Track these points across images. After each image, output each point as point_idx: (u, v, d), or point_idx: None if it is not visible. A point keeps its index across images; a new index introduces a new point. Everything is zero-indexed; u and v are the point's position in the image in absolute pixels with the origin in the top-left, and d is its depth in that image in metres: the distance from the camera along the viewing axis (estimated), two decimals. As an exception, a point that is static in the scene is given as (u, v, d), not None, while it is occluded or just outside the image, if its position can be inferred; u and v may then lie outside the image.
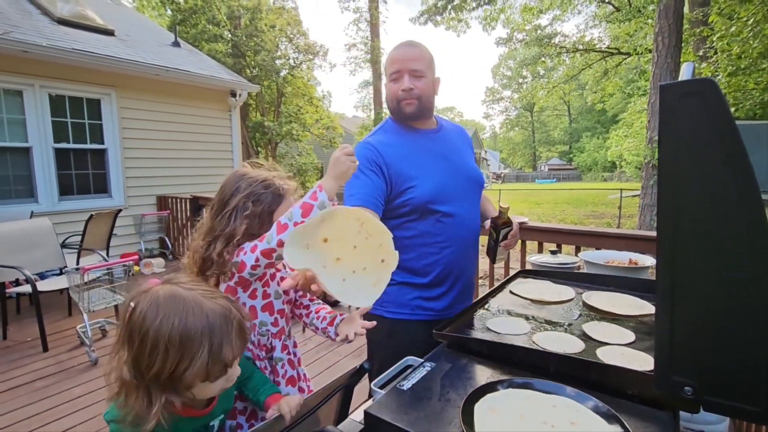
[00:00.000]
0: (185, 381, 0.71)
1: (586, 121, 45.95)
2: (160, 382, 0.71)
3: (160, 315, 0.71)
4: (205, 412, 0.83)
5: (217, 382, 0.76)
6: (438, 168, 1.32)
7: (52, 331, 3.13)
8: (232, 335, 0.76)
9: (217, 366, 0.73)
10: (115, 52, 5.17)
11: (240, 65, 15.16)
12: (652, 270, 1.33)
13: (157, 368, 0.70)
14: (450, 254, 1.31)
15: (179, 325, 0.71)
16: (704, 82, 0.59)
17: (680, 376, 0.63)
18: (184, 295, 0.75)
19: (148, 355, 0.70)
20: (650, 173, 7.33)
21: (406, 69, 1.28)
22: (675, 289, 0.63)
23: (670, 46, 7.16)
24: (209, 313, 0.74)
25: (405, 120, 1.36)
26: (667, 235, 0.63)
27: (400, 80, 1.29)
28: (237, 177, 1.08)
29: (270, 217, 1.05)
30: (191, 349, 0.70)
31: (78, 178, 5.01)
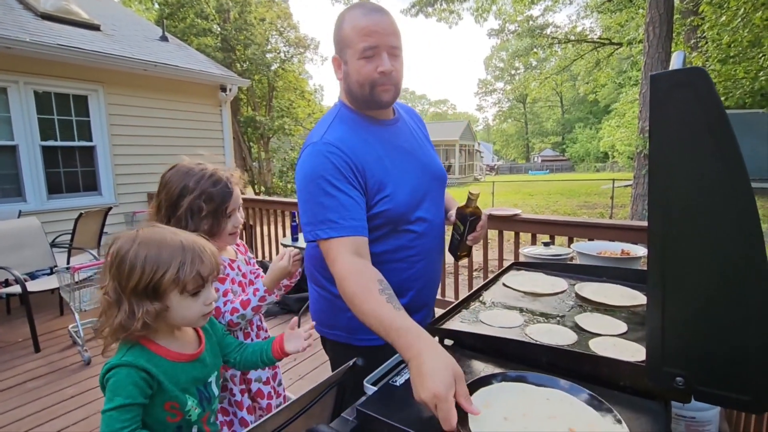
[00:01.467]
0: (162, 287, 0.79)
1: (579, 112, 46.13)
2: (139, 291, 0.78)
3: (136, 242, 0.80)
4: (195, 355, 0.88)
5: (196, 302, 0.83)
6: (408, 170, 1.10)
7: (43, 332, 3.10)
8: (205, 254, 0.83)
9: (191, 276, 0.80)
10: (102, 47, 5.07)
11: (230, 59, 14.98)
12: (644, 260, 1.34)
13: (135, 281, 0.77)
14: (422, 267, 1.13)
15: (156, 243, 0.80)
16: (694, 72, 0.58)
17: (672, 366, 0.63)
18: (161, 228, 0.84)
19: (127, 274, 0.78)
20: (642, 163, 7.38)
21: (384, 44, 0.99)
22: (666, 281, 0.63)
23: (661, 36, 7.18)
24: (183, 238, 0.83)
25: (373, 108, 1.08)
26: (657, 226, 0.62)
27: (377, 58, 0.99)
28: (181, 173, 1.08)
29: (224, 212, 1.08)
30: (166, 260, 0.79)
31: (66, 176, 4.93)
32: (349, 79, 1.04)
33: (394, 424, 0.63)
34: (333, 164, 0.97)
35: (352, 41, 0.99)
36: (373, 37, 0.98)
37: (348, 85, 1.05)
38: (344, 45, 1.02)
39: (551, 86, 25.43)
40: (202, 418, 0.90)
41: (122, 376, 0.77)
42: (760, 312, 0.57)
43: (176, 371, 0.84)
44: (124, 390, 0.76)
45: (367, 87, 1.02)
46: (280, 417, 0.78)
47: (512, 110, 54.93)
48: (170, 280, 0.79)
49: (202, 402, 0.89)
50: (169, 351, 0.85)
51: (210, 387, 0.92)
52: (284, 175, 16.59)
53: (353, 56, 1.00)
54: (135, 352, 0.81)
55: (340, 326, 1.12)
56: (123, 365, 0.78)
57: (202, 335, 0.94)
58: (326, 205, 0.95)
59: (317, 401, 0.81)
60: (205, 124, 6.34)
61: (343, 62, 1.05)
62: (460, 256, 1.26)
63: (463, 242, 1.22)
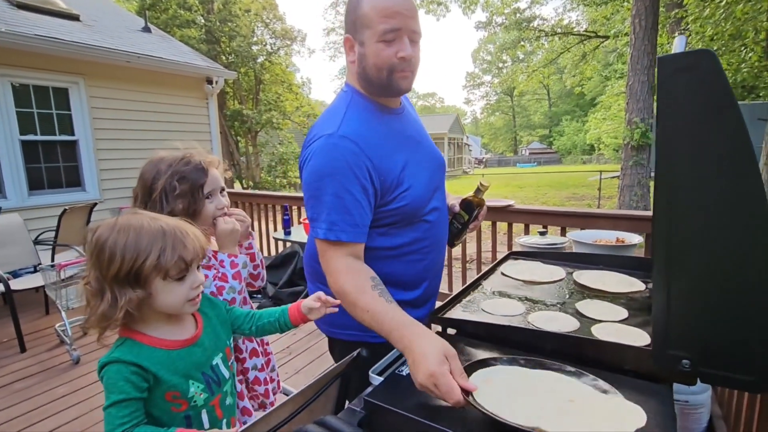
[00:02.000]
0: (144, 273, 0.77)
1: (566, 105, 46.55)
2: (120, 279, 0.76)
3: (116, 229, 0.78)
4: (191, 340, 0.87)
5: (181, 287, 0.81)
6: (422, 162, 1.07)
7: (29, 331, 3.02)
8: (188, 238, 0.81)
9: (173, 261, 0.78)
10: (81, 38, 4.91)
11: (215, 51, 14.71)
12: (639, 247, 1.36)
13: (115, 268, 0.76)
14: (434, 257, 1.11)
15: (135, 230, 0.78)
16: (701, 54, 0.58)
17: (677, 349, 0.64)
18: (141, 215, 0.82)
19: (107, 262, 0.76)
20: (629, 154, 7.48)
21: (407, 28, 0.93)
22: (671, 265, 0.63)
23: (647, 28, 7.25)
24: (163, 224, 0.81)
25: (388, 95, 1.03)
26: (663, 210, 0.62)
27: (398, 42, 0.93)
28: (154, 162, 1.07)
29: (200, 191, 1.06)
30: (146, 246, 0.77)
31: (48, 172, 4.79)
32: (366, 62, 0.96)
33: (401, 413, 0.62)
34: (347, 163, 0.91)
35: (371, 21, 0.92)
36: (396, 19, 0.91)
37: (363, 68, 0.98)
38: (362, 25, 0.94)
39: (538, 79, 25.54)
40: (212, 401, 0.88)
41: (113, 373, 0.77)
42: (763, 292, 0.57)
43: (173, 359, 0.83)
44: (116, 386, 0.76)
45: (385, 72, 0.95)
46: (285, 410, 0.76)
47: (500, 103, 55.17)
48: (151, 266, 0.77)
49: (210, 386, 0.88)
50: (162, 340, 0.83)
51: (218, 369, 0.90)
52: (273, 170, 16.42)
53: (372, 38, 0.93)
54: (124, 348, 0.80)
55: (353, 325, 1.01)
56: (112, 362, 0.77)
57: (199, 319, 0.92)
58: (331, 206, 0.91)
59: (321, 393, 0.80)
60: (192, 118, 6.21)
61: (357, 43, 0.97)
62: (455, 244, 1.30)
63: (464, 231, 1.26)
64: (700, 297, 0.62)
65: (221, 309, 0.99)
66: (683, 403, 1.01)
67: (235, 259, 1.14)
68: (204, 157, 1.10)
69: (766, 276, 0.57)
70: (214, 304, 0.99)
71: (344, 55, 1.04)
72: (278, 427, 0.72)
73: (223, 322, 0.97)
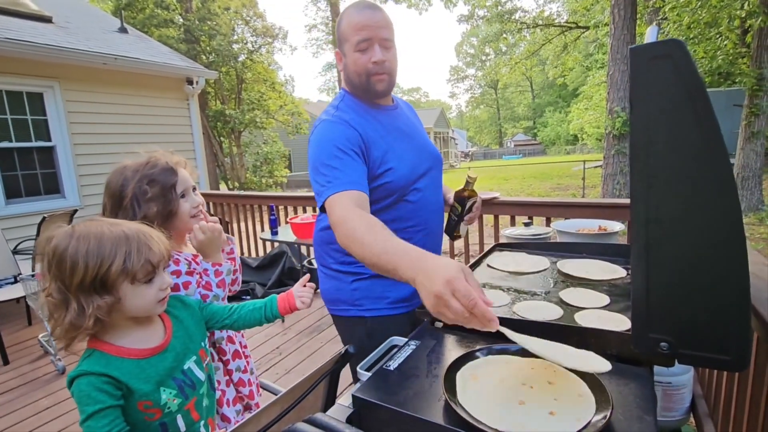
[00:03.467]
0: (110, 279, 0.76)
1: (549, 96, 47.04)
2: (86, 287, 0.75)
3: (74, 237, 0.76)
4: (161, 347, 0.85)
5: (150, 289, 0.80)
6: (407, 148, 1.20)
7: (11, 343, 2.95)
8: (153, 240, 0.81)
9: (140, 264, 0.77)
10: (55, 40, 4.78)
11: (194, 51, 14.45)
12: (621, 234, 1.39)
13: (79, 277, 0.74)
14: (422, 239, 1.21)
15: (95, 236, 0.76)
16: (672, 44, 0.59)
17: (656, 333, 0.65)
18: (99, 221, 0.81)
19: (69, 271, 0.74)
20: (611, 143, 7.60)
21: (377, 37, 1.09)
22: (649, 250, 0.64)
23: (626, 18, 7.36)
24: (124, 228, 0.80)
25: (372, 98, 1.19)
26: (640, 197, 0.64)
27: (370, 50, 1.10)
28: (119, 170, 1.06)
29: (173, 191, 1.04)
30: (109, 251, 0.76)
31: (25, 179, 4.67)
32: (348, 70, 1.15)
33: (390, 407, 0.63)
34: (344, 134, 1.08)
35: (348, 35, 1.11)
36: (365, 31, 1.08)
37: (347, 75, 1.16)
38: (342, 39, 1.14)
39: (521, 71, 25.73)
40: (186, 405, 0.87)
41: (84, 386, 0.76)
42: (737, 274, 0.59)
43: (143, 368, 0.81)
44: (90, 398, 0.75)
45: (364, 76, 1.13)
46: (274, 409, 0.76)
47: (484, 96, 55.48)
48: (117, 271, 0.76)
49: (183, 390, 0.86)
50: (130, 350, 0.82)
51: (191, 372, 0.89)
52: (258, 170, 16.25)
53: (350, 49, 1.12)
54: (91, 360, 0.79)
55: (344, 299, 1.19)
56: (82, 375, 0.76)
57: (168, 323, 0.91)
58: (332, 167, 1.03)
59: (310, 392, 0.80)
60: (173, 119, 6.10)
61: (342, 55, 1.16)
62: (455, 236, 1.38)
63: (459, 223, 1.34)
64: (677, 281, 0.63)
65: (194, 309, 0.98)
66: (666, 384, 1.04)
67: (219, 267, 1.12)
68: (170, 158, 1.09)
69: (738, 257, 0.59)
70: (187, 304, 0.98)
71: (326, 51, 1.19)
72: (268, 426, 0.72)
73: (197, 322, 0.96)
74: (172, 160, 1.09)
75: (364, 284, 1.18)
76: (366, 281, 1.19)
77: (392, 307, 1.19)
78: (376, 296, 1.19)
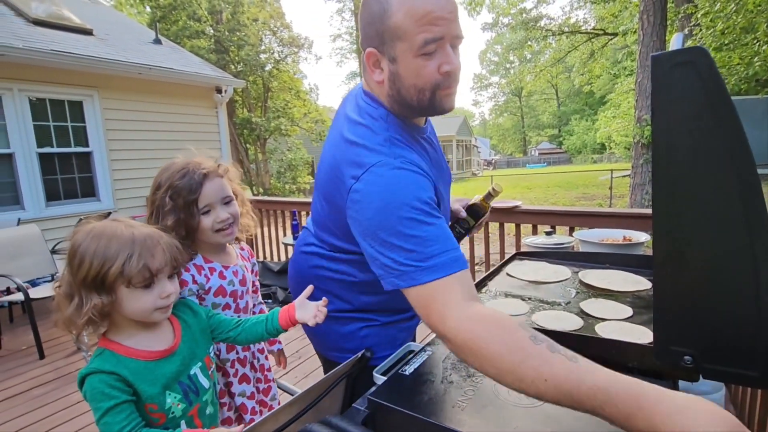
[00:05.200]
0: (109, 280, 0.78)
1: (575, 104, 46.13)
2: (88, 284, 0.78)
3: (90, 235, 0.79)
4: (168, 350, 0.86)
5: (149, 295, 0.81)
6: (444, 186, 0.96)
7: (47, 339, 3.10)
8: (157, 248, 0.82)
9: (137, 269, 0.78)
10: (95, 51, 5.05)
11: (224, 61, 14.95)
12: (647, 246, 1.35)
13: (83, 273, 0.77)
14: None
15: (105, 241, 0.79)
16: (696, 51, 0.58)
17: (679, 345, 0.64)
18: (119, 221, 0.83)
19: (77, 266, 0.78)
20: (640, 152, 7.39)
21: (449, 35, 0.74)
22: (671, 261, 0.63)
23: (656, 25, 7.18)
24: (136, 232, 0.82)
25: (426, 115, 0.87)
26: (662, 206, 0.63)
27: (441, 53, 0.75)
28: (161, 172, 1.06)
29: (194, 206, 1.01)
30: (113, 253, 0.78)
31: (64, 183, 4.92)
32: (401, 83, 0.78)
33: (404, 411, 0.63)
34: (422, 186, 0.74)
35: (407, 33, 0.73)
36: (438, 26, 0.72)
37: (398, 90, 0.79)
38: (393, 37, 0.75)
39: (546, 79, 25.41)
40: (190, 412, 0.87)
41: (96, 383, 0.77)
42: (765, 286, 0.57)
43: (150, 370, 0.82)
44: (103, 395, 0.76)
45: (428, 92, 0.77)
46: (291, 409, 0.78)
47: (508, 104, 54.94)
48: (115, 273, 0.77)
49: (188, 395, 0.87)
50: (138, 351, 0.83)
51: (196, 378, 0.89)
52: (282, 176, 16.57)
53: (407, 52, 0.75)
54: (102, 359, 0.80)
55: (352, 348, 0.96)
56: (92, 373, 0.77)
57: (177, 327, 0.91)
58: (424, 238, 0.69)
59: (327, 393, 0.82)
60: (202, 127, 6.32)
61: (387, 59, 0.78)
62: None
63: (464, 237, 1.24)
64: (701, 293, 0.62)
65: (202, 317, 0.97)
66: (695, 402, 1.01)
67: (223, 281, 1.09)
68: (208, 165, 1.05)
69: (765, 271, 0.57)
70: (195, 311, 0.97)
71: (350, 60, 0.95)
72: (285, 426, 0.74)
73: (203, 330, 0.95)
74: (208, 169, 1.04)
75: (374, 331, 0.98)
76: (377, 328, 1.00)
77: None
78: (388, 341, 0.99)
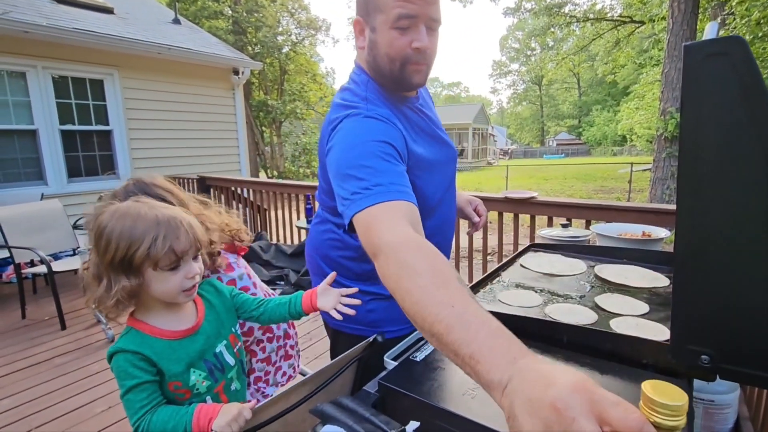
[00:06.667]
0: (136, 263, 0.78)
1: (596, 94, 44.90)
2: (115, 266, 0.78)
3: (116, 216, 0.80)
4: (192, 329, 0.88)
5: (175, 276, 0.82)
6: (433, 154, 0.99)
7: (68, 310, 3.21)
8: (180, 229, 0.82)
9: (164, 252, 0.79)
10: (116, 30, 5.09)
11: (241, 42, 14.92)
12: (667, 242, 1.32)
13: (110, 255, 0.78)
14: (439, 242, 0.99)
15: (131, 222, 0.79)
16: (731, 41, 0.56)
17: (697, 344, 0.62)
18: (142, 202, 0.84)
19: (104, 248, 0.78)
20: (663, 146, 7.18)
21: (424, 15, 0.83)
22: (694, 258, 0.61)
23: (687, 12, 6.89)
24: (159, 213, 0.82)
25: (399, 90, 0.94)
26: (687, 202, 0.61)
27: (413, 30, 0.84)
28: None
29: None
30: (139, 235, 0.78)
31: (85, 160, 5.03)
32: (376, 50, 0.87)
33: (414, 396, 0.64)
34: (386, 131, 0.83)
35: (385, 5, 0.82)
36: (414, 4, 0.81)
37: (374, 57, 0.89)
38: (374, 7, 0.85)
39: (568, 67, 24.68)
40: (216, 388, 0.90)
41: (121, 362, 0.79)
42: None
43: (174, 349, 0.84)
44: (127, 373, 0.79)
45: (398, 63, 0.86)
46: (303, 389, 0.80)
47: (527, 93, 53.79)
48: (142, 255, 0.78)
49: (213, 373, 0.89)
50: (163, 331, 0.84)
51: (221, 356, 0.92)
52: (296, 160, 16.63)
53: (384, 24, 0.84)
54: (128, 338, 0.82)
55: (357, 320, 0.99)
56: (118, 351, 0.80)
57: (200, 307, 0.93)
58: (371, 168, 0.75)
59: (338, 375, 0.83)
60: (219, 108, 6.36)
61: (369, 28, 0.88)
62: None
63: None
64: (723, 292, 0.60)
65: (226, 296, 1.00)
66: (708, 402, 0.99)
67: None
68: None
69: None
70: (219, 291, 1.00)
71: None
72: (296, 405, 0.75)
73: (227, 309, 0.98)
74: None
75: (382, 305, 1.00)
76: (384, 302, 1.01)
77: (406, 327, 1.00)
78: (395, 318, 1.00)
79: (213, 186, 5.25)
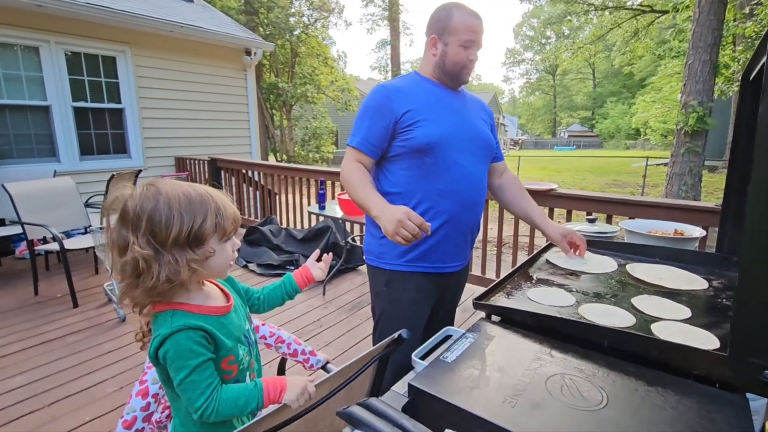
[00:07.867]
0: (203, 236, 0.79)
1: (612, 86, 43.87)
2: (181, 242, 0.77)
3: (161, 197, 0.77)
4: (230, 306, 0.88)
5: (228, 247, 0.84)
6: (447, 118, 1.32)
7: (80, 288, 3.23)
8: (225, 200, 0.85)
9: (226, 221, 0.81)
10: (129, 6, 5.01)
11: (253, 23, 14.69)
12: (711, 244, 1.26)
13: (176, 232, 0.76)
14: (450, 205, 1.30)
15: (182, 195, 0.79)
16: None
17: (759, 357, 0.57)
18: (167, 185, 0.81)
19: (165, 227, 0.76)
20: (682, 140, 6.99)
21: (478, 42, 1.33)
22: (762, 264, 0.56)
23: (714, 2, 6.62)
24: (201, 191, 0.82)
25: (454, 84, 1.39)
26: (759, 204, 0.55)
27: (471, 49, 1.33)
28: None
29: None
30: (202, 206, 0.79)
31: (97, 138, 5.01)
32: (446, 58, 1.33)
33: (451, 403, 0.60)
34: (377, 102, 1.30)
35: (458, 31, 1.30)
36: (474, 35, 1.31)
37: (444, 61, 1.34)
38: (450, 31, 1.31)
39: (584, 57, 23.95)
40: (251, 363, 0.90)
41: (182, 340, 0.75)
42: None
43: (223, 324, 0.83)
44: (191, 352, 0.74)
45: (459, 67, 1.34)
46: (325, 386, 0.76)
47: (540, 82, 52.73)
48: (211, 226, 0.79)
49: (251, 348, 0.90)
50: (210, 307, 0.83)
51: (250, 333, 0.93)
52: (306, 144, 16.53)
53: (456, 42, 1.30)
54: (180, 317, 0.77)
55: (373, 251, 1.41)
56: (177, 331, 0.75)
57: (221, 287, 0.93)
58: (359, 127, 1.32)
59: (361, 372, 0.79)
60: (230, 89, 6.29)
61: (442, 43, 1.33)
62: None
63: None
64: (792, 302, 0.55)
65: (232, 280, 1.00)
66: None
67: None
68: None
69: None
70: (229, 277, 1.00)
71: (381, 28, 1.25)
72: (320, 402, 0.72)
73: (237, 291, 0.99)
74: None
75: (387, 241, 1.27)
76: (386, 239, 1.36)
77: (409, 264, 1.34)
78: (397, 253, 1.34)
79: (224, 168, 5.22)
